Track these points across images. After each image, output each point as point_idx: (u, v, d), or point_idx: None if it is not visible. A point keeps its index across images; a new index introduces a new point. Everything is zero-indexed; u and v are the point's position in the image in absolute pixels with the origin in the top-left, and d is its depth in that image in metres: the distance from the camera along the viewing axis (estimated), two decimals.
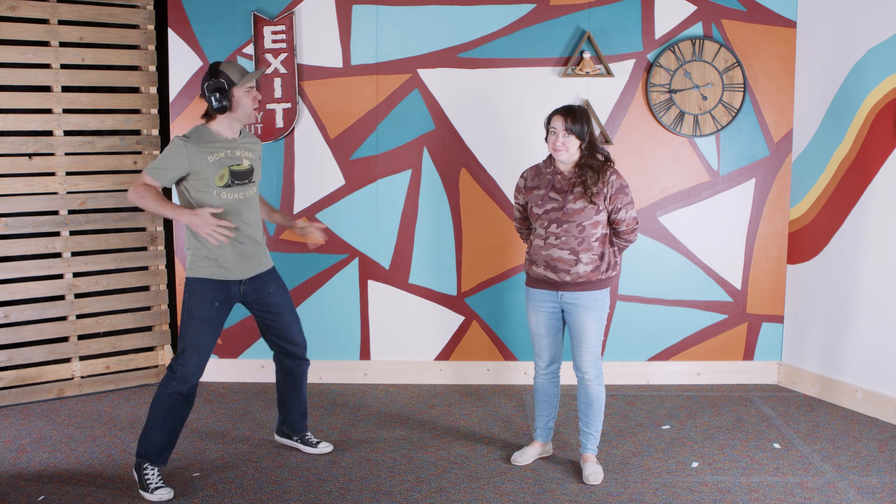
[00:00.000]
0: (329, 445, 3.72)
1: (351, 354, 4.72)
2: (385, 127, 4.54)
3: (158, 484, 3.26)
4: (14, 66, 4.25)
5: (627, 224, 3.31)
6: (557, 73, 4.47)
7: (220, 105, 3.25)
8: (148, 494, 3.23)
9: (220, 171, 3.29)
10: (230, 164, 3.32)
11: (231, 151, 3.34)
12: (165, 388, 3.30)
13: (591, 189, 3.22)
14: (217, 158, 3.29)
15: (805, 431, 3.94)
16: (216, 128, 3.33)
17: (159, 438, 3.29)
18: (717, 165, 4.53)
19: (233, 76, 3.26)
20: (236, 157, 3.34)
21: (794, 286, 4.57)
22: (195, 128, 3.35)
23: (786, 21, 4.44)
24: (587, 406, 3.43)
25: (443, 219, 4.61)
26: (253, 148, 3.45)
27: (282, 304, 3.52)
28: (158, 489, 3.24)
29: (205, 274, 3.31)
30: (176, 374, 3.28)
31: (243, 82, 3.28)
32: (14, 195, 4.29)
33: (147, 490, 3.24)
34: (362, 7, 4.48)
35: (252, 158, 3.42)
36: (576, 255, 3.26)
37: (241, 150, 3.37)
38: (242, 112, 3.32)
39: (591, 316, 3.31)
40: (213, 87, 3.25)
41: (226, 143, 3.33)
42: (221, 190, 3.30)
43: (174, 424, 3.31)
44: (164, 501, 3.22)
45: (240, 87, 3.28)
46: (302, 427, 3.73)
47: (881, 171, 4.01)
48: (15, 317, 4.32)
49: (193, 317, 3.30)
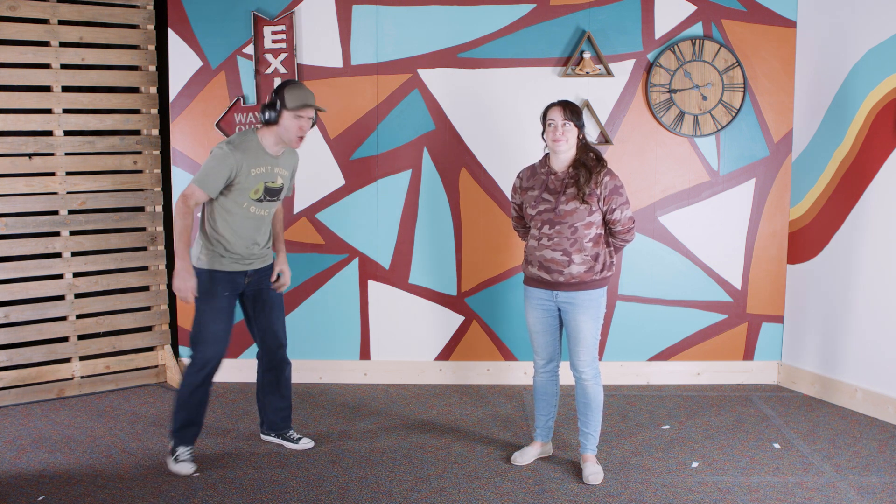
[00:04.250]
0: (310, 441, 3.77)
1: (351, 354, 4.72)
2: (385, 127, 4.54)
3: (184, 457, 3.47)
4: (14, 66, 4.25)
5: (623, 224, 3.31)
6: (557, 73, 4.47)
7: (266, 118, 3.33)
8: (172, 463, 3.46)
9: (257, 186, 3.37)
10: (267, 180, 3.40)
11: (271, 168, 3.41)
12: (186, 377, 3.47)
13: (584, 189, 3.22)
14: (258, 172, 3.36)
15: (805, 431, 3.94)
16: (263, 139, 3.38)
17: (185, 422, 3.48)
18: (717, 165, 4.53)
19: (288, 99, 3.30)
20: (273, 173, 3.43)
21: (793, 286, 4.57)
22: (242, 134, 3.38)
23: (786, 21, 4.44)
24: (585, 406, 3.44)
25: (443, 219, 4.61)
26: (289, 164, 3.52)
27: (275, 298, 3.64)
28: (182, 462, 3.46)
29: (216, 266, 3.41)
30: (195, 363, 3.44)
31: (292, 108, 3.31)
32: (14, 195, 4.29)
33: (174, 459, 3.47)
34: (362, 7, 4.48)
35: (286, 176, 3.49)
36: (568, 256, 3.26)
37: (279, 167, 3.44)
38: (286, 135, 3.36)
39: (587, 315, 3.32)
40: (269, 101, 3.34)
41: (269, 158, 3.40)
42: (252, 203, 3.40)
43: (195, 406, 3.49)
44: (181, 474, 3.42)
45: (289, 112, 3.32)
46: (282, 426, 3.77)
47: (881, 171, 4.01)
48: (15, 317, 4.32)
49: (206, 310, 3.42)
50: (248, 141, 3.36)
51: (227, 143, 3.33)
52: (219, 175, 3.29)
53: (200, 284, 3.39)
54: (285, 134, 3.35)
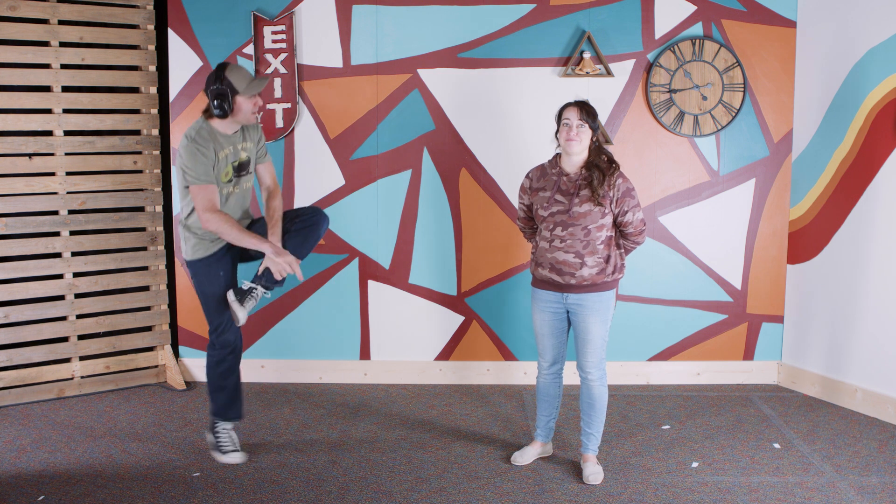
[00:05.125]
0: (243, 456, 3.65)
1: (351, 354, 4.72)
2: (385, 127, 4.54)
3: (231, 448, 3.57)
4: (14, 66, 4.25)
5: (635, 227, 3.30)
6: (557, 73, 4.47)
7: (222, 111, 3.30)
8: (221, 456, 3.56)
9: (226, 169, 3.39)
10: (233, 160, 3.42)
11: (234, 147, 3.42)
12: (213, 360, 3.55)
13: (598, 191, 3.21)
14: (224, 155, 3.38)
15: (805, 431, 3.94)
16: (218, 126, 3.39)
17: (227, 398, 3.59)
18: (717, 165, 4.53)
19: (237, 84, 3.29)
20: (237, 150, 3.44)
21: (794, 286, 4.57)
22: (197, 128, 3.37)
23: (786, 21, 4.44)
24: (589, 406, 3.43)
25: (443, 219, 4.60)
26: (252, 136, 3.51)
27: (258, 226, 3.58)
28: (231, 452, 3.56)
29: (203, 254, 3.45)
30: (217, 346, 3.52)
31: (247, 91, 3.31)
32: (14, 195, 4.29)
33: (221, 452, 3.57)
34: (362, 7, 4.48)
35: (249, 148, 3.49)
36: (581, 258, 3.25)
37: (241, 142, 3.46)
38: (242, 117, 3.38)
39: (596, 317, 3.31)
40: (216, 93, 3.29)
41: (228, 139, 3.41)
42: (225, 185, 3.42)
43: (233, 382, 3.59)
44: (235, 463, 3.52)
45: (243, 95, 3.31)
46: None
47: (881, 171, 4.01)
48: (15, 317, 4.32)
49: (210, 297, 3.47)
50: (203, 131, 3.34)
51: (187, 139, 3.31)
52: (205, 163, 3.28)
53: (195, 274, 3.47)
54: (243, 116, 3.35)
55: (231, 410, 3.61)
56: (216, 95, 3.28)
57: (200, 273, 3.47)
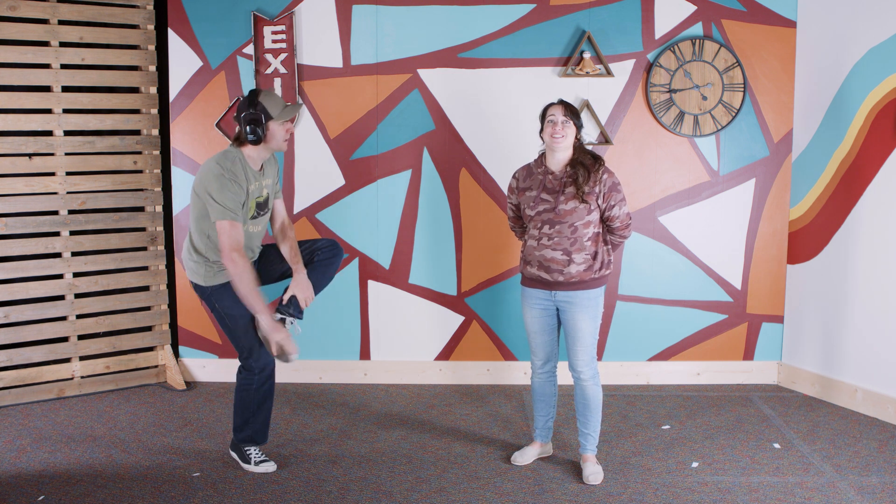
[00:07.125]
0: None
1: (351, 354, 4.72)
2: (385, 127, 4.54)
3: (261, 458, 3.50)
4: (14, 66, 4.25)
5: (622, 221, 3.32)
6: (557, 73, 4.47)
7: (256, 136, 3.21)
8: (253, 467, 3.49)
9: (251, 203, 3.30)
10: (256, 196, 3.33)
11: (259, 183, 3.33)
12: (250, 385, 3.44)
13: (583, 188, 3.23)
14: (252, 189, 3.28)
15: (805, 431, 3.94)
16: (249, 155, 3.28)
17: (261, 423, 3.50)
18: (717, 165, 4.53)
19: (271, 109, 3.21)
20: (261, 187, 3.35)
21: (794, 286, 4.57)
22: (229, 156, 3.23)
23: (786, 21, 4.44)
24: (584, 406, 3.43)
25: (443, 219, 4.61)
26: (271, 172, 3.43)
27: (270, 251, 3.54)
28: (262, 462, 3.49)
29: (225, 278, 3.31)
30: (255, 371, 3.42)
31: (280, 117, 3.24)
32: (14, 195, 4.29)
33: (250, 463, 3.49)
34: (362, 7, 4.48)
35: (269, 185, 3.41)
36: (568, 255, 3.26)
37: (264, 179, 3.37)
38: (275, 143, 3.29)
39: (586, 315, 3.32)
40: (249, 118, 3.19)
41: (255, 174, 3.31)
42: (249, 223, 3.33)
43: (268, 407, 3.52)
44: (269, 472, 3.46)
45: (276, 121, 3.24)
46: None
47: (881, 171, 4.01)
48: (15, 317, 4.32)
49: (239, 319, 3.34)
50: (235, 161, 3.22)
51: (218, 168, 3.17)
52: (236, 198, 3.17)
53: (220, 299, 3.33)
54: (275, 143, 3.28)
55: (261, 434, 3.52)
56: (250, 121, 3.18)
57: (225, 297, 3.31)
